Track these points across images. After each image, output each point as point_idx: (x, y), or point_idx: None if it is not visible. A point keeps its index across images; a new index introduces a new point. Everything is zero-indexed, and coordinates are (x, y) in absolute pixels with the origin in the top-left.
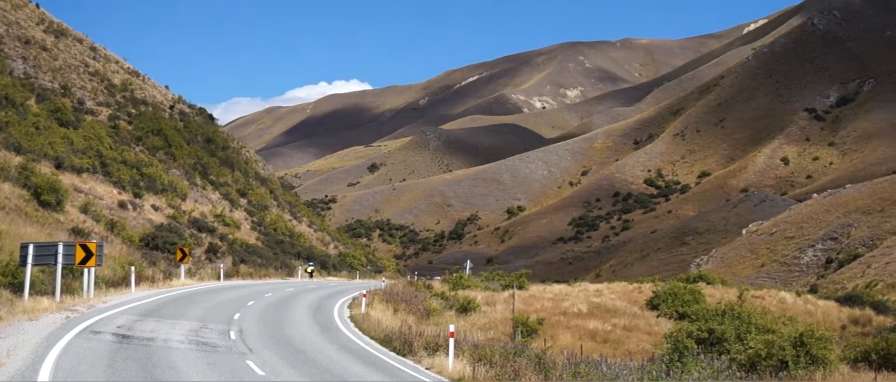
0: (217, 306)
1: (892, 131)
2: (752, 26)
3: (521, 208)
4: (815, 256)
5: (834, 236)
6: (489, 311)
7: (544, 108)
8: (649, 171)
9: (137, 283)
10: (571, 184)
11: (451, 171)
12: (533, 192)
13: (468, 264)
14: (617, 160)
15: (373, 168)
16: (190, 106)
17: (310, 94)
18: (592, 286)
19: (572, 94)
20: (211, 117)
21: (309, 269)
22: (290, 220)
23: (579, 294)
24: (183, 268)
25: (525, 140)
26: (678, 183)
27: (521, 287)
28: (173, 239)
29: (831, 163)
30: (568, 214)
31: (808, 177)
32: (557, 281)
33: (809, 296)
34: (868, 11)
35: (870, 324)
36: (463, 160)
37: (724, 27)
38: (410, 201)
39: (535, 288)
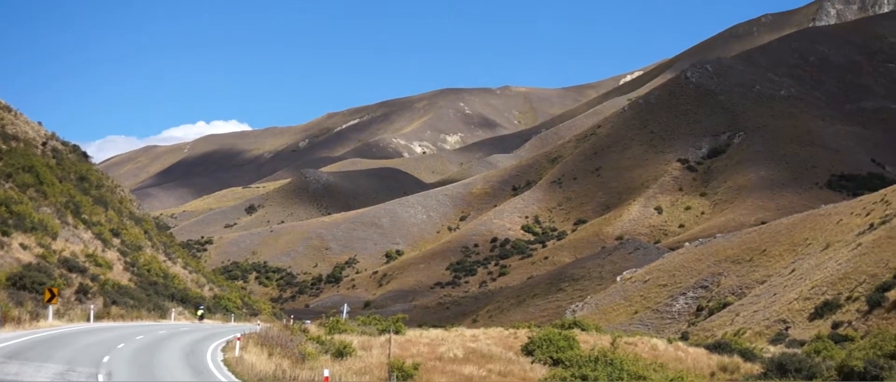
0: (86, 348)
1: (761, 183)
2: (629, 78)
3: (399, 253)
4: (686, 303)
5: (705, 284)
6: (365, 355)
7: (424, 153)
8: (527, 217)
9: (2, 324)
10: (450, 229)
11: (329, 214)
12: (412, 236)
13: (345, 307)
14: (495, 206)
15: (250, 210)
16: (63, 143)
17: (187, 133)
18: (469, 331)
19: (452, 139)
20: (85, 155)
21: (199, 313)
22: (164, 261)
23: (456, 339)
24: (51, 309)
25: (404, 185)
26: (555, 230)
27: (397, 332)
28: (42, 279)
29: (703, 213)
30: (446, 259)
31: (681, 226)
32: (434, 326)
33: (680, 343)
34: (739, 66)
35: (738, 371)
36: (342, 203)
37: (601, 78)
38: (288, 244)
39: (411, 333)
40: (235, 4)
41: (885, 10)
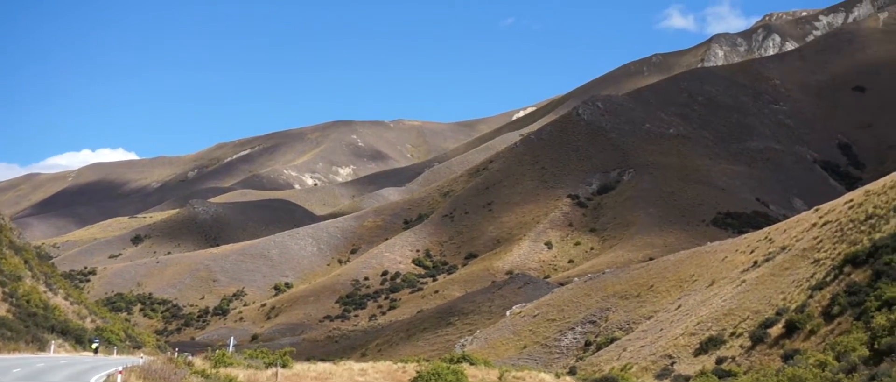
0: None
1: (649, 220)
2: (521, 113)
3: (289, 285)
4: (574, 338)
5: (593, 319)
6: None
7: (315, 185)
8: (418, 251)
9: None
10: (340, 262)
11: (218, 245)
12: (301, 269)
13: (232, 340)
14: (386, 240)
15: (137, 240)
16: None
17: (72, 161)
18: (357, 365)
19: (344, 172)
20: None
21: (94, 346)
22: (45, 291)
23: (344, 373)
24: None
25: (295, 217)
26: (446, 264)
27: (285, 366)
28: None
29: (592, 248)
30: (336, 292)
31: (570, 261)
32: (323, 360)
33: (568, 378)
34: (629, 105)
35: None
36: (231, 235)
37: (493, 113)
38: (175, 275)
39: (299, 366)
40: (125, 30)
41: (771, 52)
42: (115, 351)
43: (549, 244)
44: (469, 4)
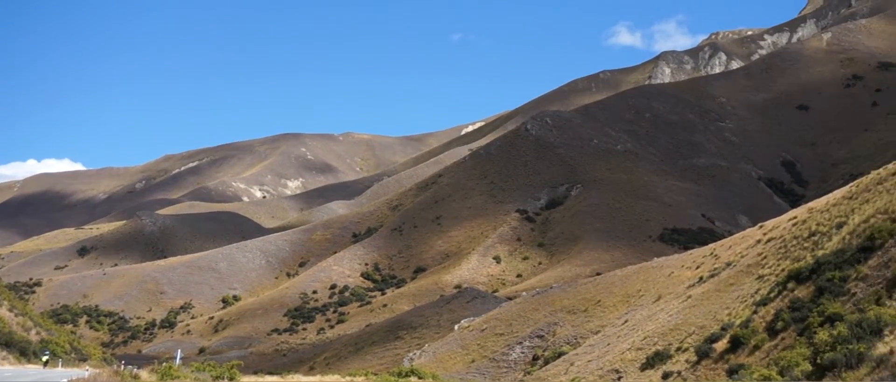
0: None
1: (596, 235)
2: (470, 128)
3: (237, 298)
4: (522, 352)
5: (541, 333)
6: None
7: (264, 197)
8: (367, 265)
9: None
10: (289, 275)
11: (165, 257)
12: (249, 282)
13: (179, 353)
14: (335, 253)
15: (83, 252)
16: None
17: (17, 171)
18: (305, 379)
19: (293, 184)
20: None
21: (44, 359)
22: None
23: None
24: None
25: (243, 229)
26: (395, 278)
27: (232, 379)
28: None
29: (540, 263)
30: (284, 305)
31: (519, 276)
32: (271, 373)
33: None
34: (576, 121)
35: None
36: (179, 247)
37: (443, 127)
38: (121, 287)
39: (247, 379)
40: (70, 39)
41: (717, 70)
42: (60, 364)
43: (497, 259)
44: (418, 19)
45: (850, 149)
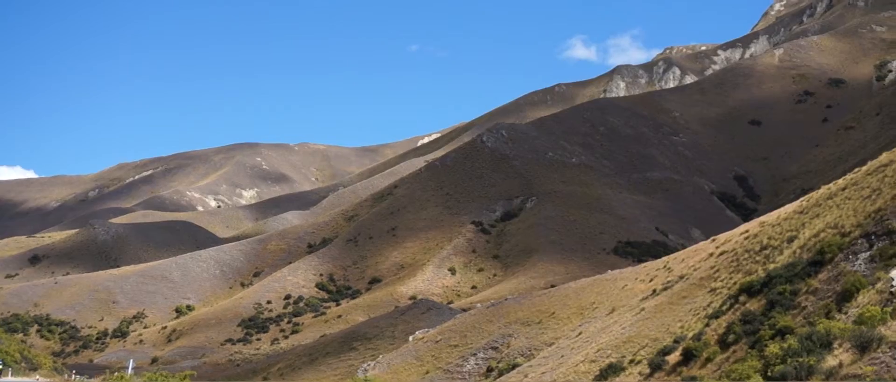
0: None
1: (551, 247)
2: (426, 139)
3: (190, 308)
4: (477, 364)
5: (495, 345)
6: None
7: (219, 207)
8: (321, 275)
9: None
10: (243, 285)
11: (118, 266)
12: (203, 291)
13: (131, 363)
14: (290, 263)
15: (34, 260)
16: None
17: None
18: None
19: (248, 194)
20: None
21: None
22: None
23: None
24: None
25: (198, 239)
26: (349, 289)
27: None
28: None
29: (495, 275)
30: (238, 315)
31: (473, 287)
32: None
33: None
34: (532, 133)
35: None
36: (132, 256)
37: (398, 138)
38: (73, 296)
39: None
40: (21, 43)
41: (671, 84)
42: (10, 373)
43: (452, 270)
44: (375, 29)
45: (801, 164)
